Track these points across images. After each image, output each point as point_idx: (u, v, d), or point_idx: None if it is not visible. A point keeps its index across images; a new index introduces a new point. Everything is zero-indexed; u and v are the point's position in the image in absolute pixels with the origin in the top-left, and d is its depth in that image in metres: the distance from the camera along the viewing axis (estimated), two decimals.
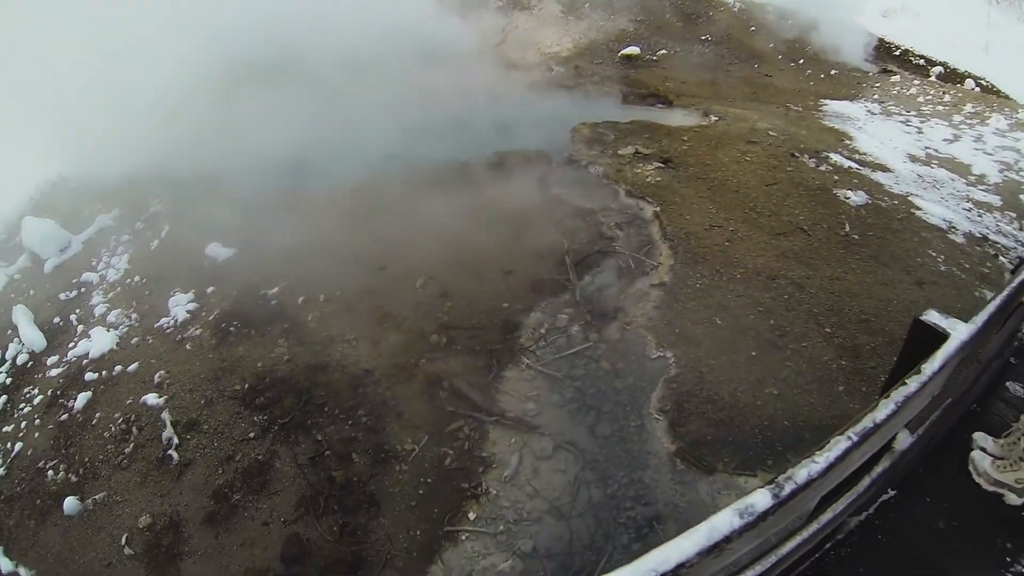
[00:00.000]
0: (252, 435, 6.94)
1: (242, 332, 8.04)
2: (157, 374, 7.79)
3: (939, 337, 3.14)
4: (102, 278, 9.49)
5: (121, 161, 10.63)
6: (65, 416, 7.73)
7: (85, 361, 8.29)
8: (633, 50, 15.80)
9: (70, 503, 6.83)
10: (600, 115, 12.10)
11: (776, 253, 8.38)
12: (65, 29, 12.00)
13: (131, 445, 7.20)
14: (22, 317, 8.86)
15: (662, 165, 10.16)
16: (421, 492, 6.27)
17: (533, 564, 5.69)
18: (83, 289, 9.42)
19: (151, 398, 7.52)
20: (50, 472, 7.28)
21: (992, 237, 9.10)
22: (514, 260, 8.42)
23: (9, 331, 9.00)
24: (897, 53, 17.06)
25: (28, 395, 8.16)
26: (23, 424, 7.90)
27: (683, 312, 7.58)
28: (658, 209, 9.06)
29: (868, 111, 13.51)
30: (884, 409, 2.73)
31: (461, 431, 6.66)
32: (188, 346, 8.06)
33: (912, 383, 2.85)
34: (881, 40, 17.16)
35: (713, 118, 12.25)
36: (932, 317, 3.26)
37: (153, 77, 11.47)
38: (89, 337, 8.50)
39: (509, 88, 13.60)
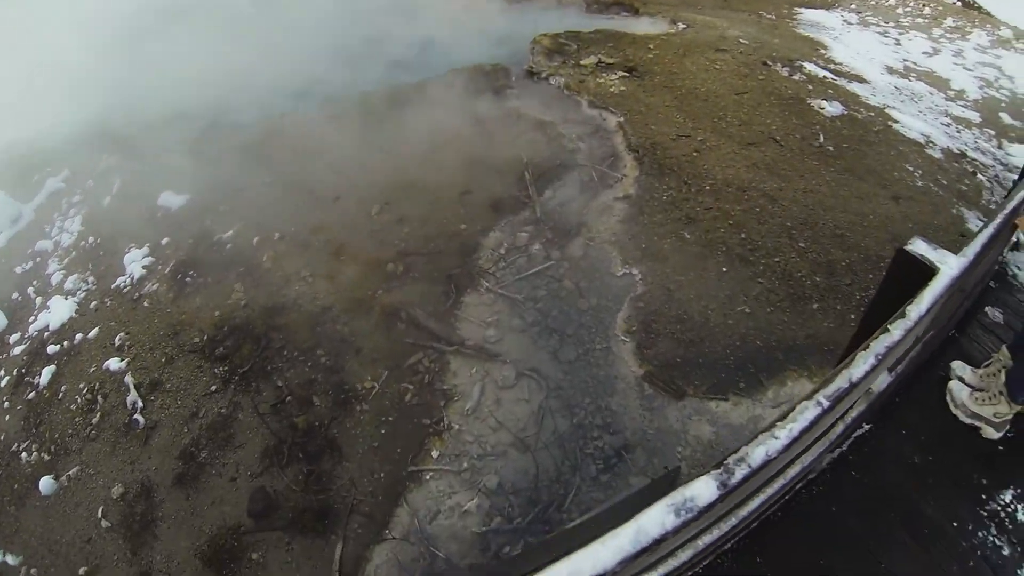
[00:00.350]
0: (214, 388, 6.72)
1: (198, 281, 7.74)
2: (117, 337, 7.54)
3: (925, 271, 2.74)
4: (56, 244, 9.19)
5: (65, 120, 10.19)
6: (32, 395, 7.54)
7: (46, 334, 8.05)
8: None
9: (45, 483, 6.69)
10: (562, 25, 11.46)
11: (747, 164, 7.93)
12: None
13: (98, 415, 7.01)
14: None
15: (626, 75, 9.58)
16: (383, 432, 6.04)
17: (499, 501, 5.50)
18: (38, 259, 9.13)
19: (113, 363, 7.28)
20: (23, 454, 7.11)
21: (971, 154, 8.72)
22: (472, 179, 7.96)
23: None
24: None
25: None
26: None
27: (649, 226, 7.17)
28: (622, 119, 8.52)
29: (845, 21, 13.11)
30: (863, 364, 2.36)
31: (421, 364, 6.38)
32: (146, 303, 7.79)
33: (896, 330, 2.46)
34: None
35: (681, 26, 11.65)
36: (918, 248, 2.86)
37: (78, 29, 10.78)
38: (48, 308, 8.25)
39: (466, 1, 12.82)
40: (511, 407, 5.99)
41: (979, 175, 8.31)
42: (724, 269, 6.72)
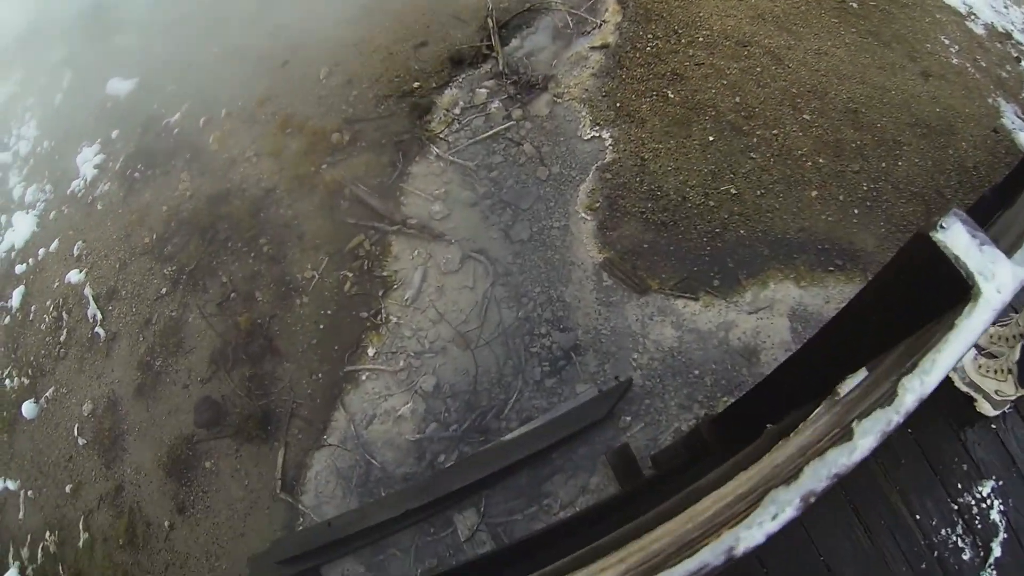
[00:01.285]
0: (164, 291, 6.30)
1: (147, 175, 7.17)
2: (76, 246, 7.15)
3: (958, 284, 1.58)
4: (15, 155, 8.73)
5: (12, 14, 9.38)
6: (8, 319, 7.33)
7: (13, 254, 7.74)
8: None
9: (28, 407, 6.60)
10: None
11: (752, 14, 6.61)
12: None
13: (64, 332, 6.75)
14: None
15: None
16: (322, 327, 5.51)
17: (436, 405, 4.96)
18: (1, 174, 8.74)
19: (73, 275, 6.93)
20: (7, 381, 6.99)
21: (1016, 36, 7.20)
22: (428, 29, 6.87)
23: None
24: None
25: None
26: None
27: (627, 81, 6.06)
28: None
29: None
30: (864, 440, 1.55)
31: (361, 247, 5.70)
32: (99, 206, 7.32)
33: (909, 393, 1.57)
34: None
35: None
36: (954, 240, 1.57)
37: None
38: (12, 226, 7.90)
39: None
40: (454, 295, 5.32)
41: (1023, 61, 6.90)
42: (711, 138, 5.66)
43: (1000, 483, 2.96)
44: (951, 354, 1.60)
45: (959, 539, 2.81)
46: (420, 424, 4.91)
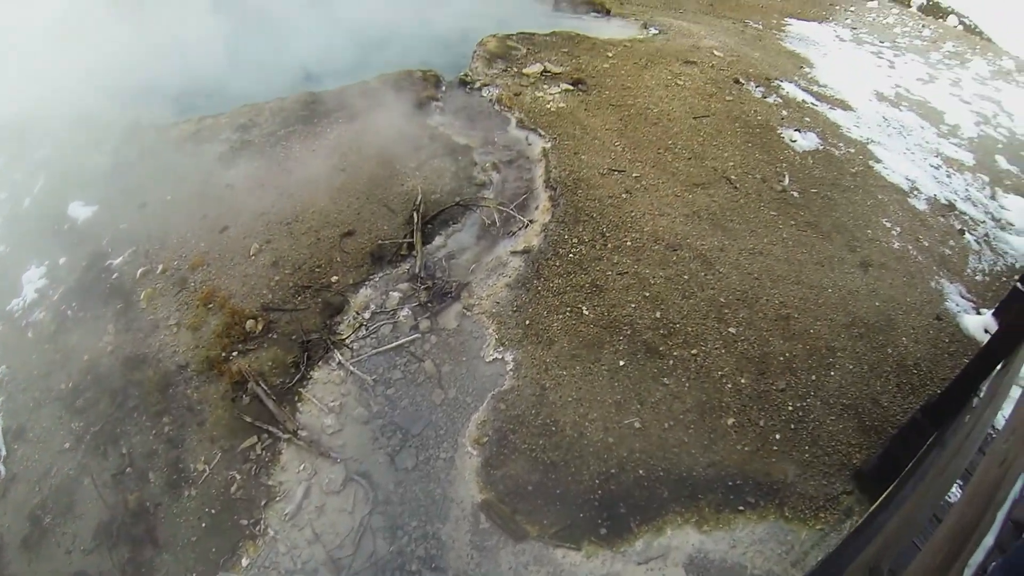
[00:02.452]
0: (67, 445, 6.28)
1: (79, 316, 7.22)
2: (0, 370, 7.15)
3: None
4: None
5: (13, 98, 9.60)
6: None
7: None
8: None
9: None
10: (521, 24, 10.19)
11: (687, 212, 6.66)
12: None
13: None
14: None
15: (571, 87, 8.34)
16: (204, 525, 5.45)
17: None
18: None
19: None
20: None
21: (960, 205, 7.43)
22: (360, 216, 6.98)
23: None
24: None
25: None
26: None
27: (542, 294, 6.07)
28: (549, 145, 7.30)
29: (837, 36, 12.01)
30: None
31: (253, 450, 5.69)
32: (30, 333, 7.35)
33: None
34: None
35: (652, 31, 10.42)
36: None
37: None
38: None
39: None
40: (333, 517, 5.24)
41: (967, 234, 7.06)
42: (622, 363, 5.59)
43: None
44: None
45: None
46: None
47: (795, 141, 7.54)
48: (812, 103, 8.64)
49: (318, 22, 10.19)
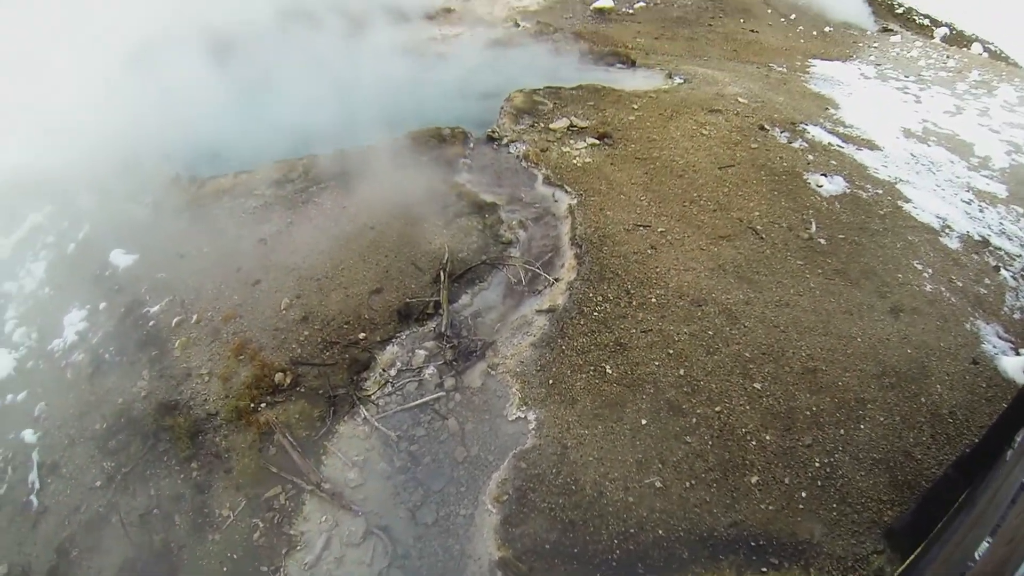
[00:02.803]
0: (99, 484, 6.49)
1: (115, 360, 7.49)
2: (38, 407, 7.44)
3: None
4: (19, 289, 9.16)
5: (58, 151, 10.12)
6: None
7: None
8: (606, 2, 14.59)
9: None
10: (547, 79, 10.54)
11: (712, 265, 6.74)
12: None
13: (4, 486, 6.95)
14: None
15: (597, 142, 8.57)
16: (225, 569, 5.58)
17: None
18: (2, 301, 9.12)
19: (28, 434, 7.19)
20: None
21: (994, 240, 7.28)
22: (387, 274, 7.23)
23: None
24: (900, 11, 15.74)
25: None
26: None
27: (566, 353, 6.19)
28: (575, 202, 7.52)
29: (861, 74, 12.05)
30: None
31: (277, 499, 5.84)
32: (68, 374, 7.63)
33: None
34: None
35: (676, 80, 10.62)
36: None
37: (94, 66, 10.91)
38: None
39: (457, 49, 12.18)
40: (351, 568, 5.33)
41: (1003, 270, 6.93)
42: (644, 421, 5.66)
43: None
44: None
45: None
46: None
47: (821, 186, 7.64)
48: (838, 145, 8.75)
49: (350, 82, 10.65)
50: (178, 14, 11.93)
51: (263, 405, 6.44)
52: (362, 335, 6.72)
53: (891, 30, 14.59)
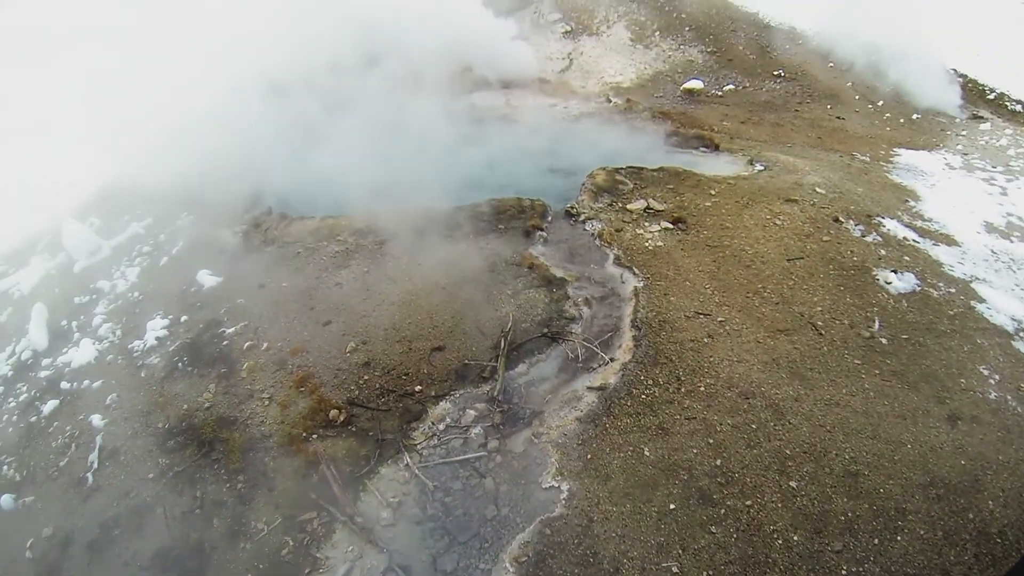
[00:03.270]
0: (151, 476, 6.98)
1: (187, 370, 8.07)
2: (110, 396, 8.02)
3: None
4: (112, 288, 9.95)
5: (168, 171, 11.03)
6: (35, 418, 8.16)
7: (67, 369, 8.70)
8: (696, 84, 14.74)
9: (6, 499, 7.27)
10: (631, 158, 10.90)
11: (766, 359, 6.84)
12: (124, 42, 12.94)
13: (66, 459, 7.48)
14: (36, 315, 9.49)
15: (671, 226, 8.86)
16: None
17: None
18: (95, 296, 9.92)
19: (96, 419, 7.76)
20: (3, 467, 7.70)
21: None
22: (451, 334, 7.65)
23: (27, 325, 9.64)
24: (991, 96, 14.88)
25: (17, 391, 8.70)
26: (3, 417, 8.40)
27: (608, 431, 6.43)
28: (641, 285, 7.81)
29: (947, 164, 11.69)
30: None
31: (311, 523, 6.18)
32: (143, 373, 8.23)
33: None
34: (973, 81, 15.04)
35: (757, 167, 10.73)
36: None
37: (206, 94, 11.98)
38: (78, 346, 8.93)
39: (546, 120, 12.79)
40: None
41: None
42: (672, 506, 5.80)
43: None
44: None
45: None
46: None
47: (891, 283, 7.56)
48: (914, 240, 8.64)
49: (442, 143, 11.39)
50: (297, 64, 13.08)
51: (315, 436, 6.86)
52: (418, 388, 7.11)
53: (981, 117, 14.08)
